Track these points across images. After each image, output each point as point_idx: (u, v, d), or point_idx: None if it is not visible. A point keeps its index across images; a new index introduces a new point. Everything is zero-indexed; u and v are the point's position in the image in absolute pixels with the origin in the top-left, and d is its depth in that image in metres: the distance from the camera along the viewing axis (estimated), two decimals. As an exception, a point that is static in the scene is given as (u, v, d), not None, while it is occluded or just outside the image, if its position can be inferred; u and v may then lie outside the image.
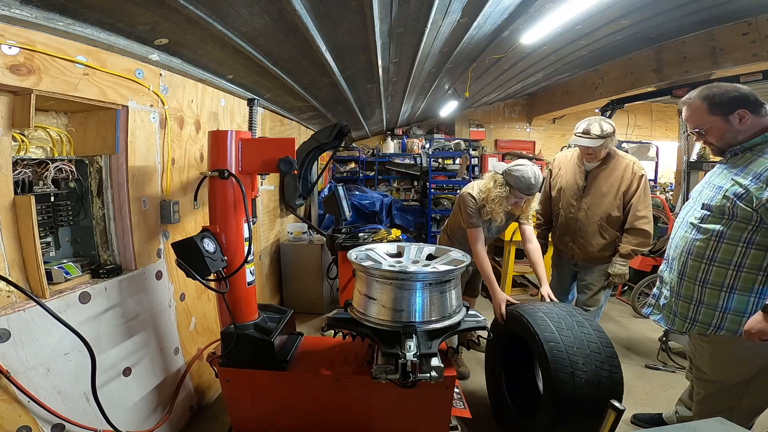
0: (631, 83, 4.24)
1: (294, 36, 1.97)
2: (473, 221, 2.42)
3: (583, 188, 2.58)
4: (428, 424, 1.82)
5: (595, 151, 2.46)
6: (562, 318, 1.94)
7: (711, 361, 1.69)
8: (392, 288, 1.60)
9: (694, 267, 1.62)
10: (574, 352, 1.78)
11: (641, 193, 2.46)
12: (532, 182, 2.28)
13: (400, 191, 7.48)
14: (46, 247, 1.63)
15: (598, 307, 2.73)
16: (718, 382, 1.69)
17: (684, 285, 1.66)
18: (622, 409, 1.13)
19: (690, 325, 1.66)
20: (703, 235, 1.58)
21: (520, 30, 2.88)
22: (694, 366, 1.82)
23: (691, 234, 1.64)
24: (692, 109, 1.62)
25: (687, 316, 1.67)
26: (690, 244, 1.63)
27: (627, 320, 3.87)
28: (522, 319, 1.99)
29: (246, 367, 1.76)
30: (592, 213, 2.55)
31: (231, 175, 1.66)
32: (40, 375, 1.37)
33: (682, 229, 1.71)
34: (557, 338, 1.82)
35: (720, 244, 1.54)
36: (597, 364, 1.77)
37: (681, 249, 1.67)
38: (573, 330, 1.87)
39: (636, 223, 2.46)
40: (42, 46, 1.35)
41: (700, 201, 1.65)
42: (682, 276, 1.67)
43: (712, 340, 1.65)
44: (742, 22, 2.99)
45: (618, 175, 2.50)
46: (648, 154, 6.21)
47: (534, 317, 1.95)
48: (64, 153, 1.71)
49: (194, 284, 2.19)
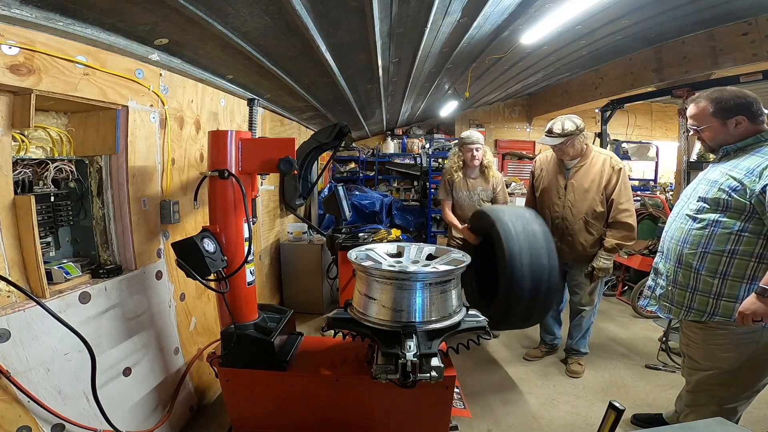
0: (631, 83, 4.24)
1: (294, 36, 1.97)
2: (441, 194, 3.32)
3: (565, 186, 2.62)
4: (428, 424, 1.82)
5: (562, 149, 2.55)
6: (519, 218, 2.18)
7: (704, 349, 1.73)
8: (392, 288, 1.60)
9: (689, 255, 1.69)
10: (522, 245, 2.04)
11: (621, 187, 2.51)
12: (467, 133, 3.16)
13: (400, 191, 7.47)
14: (46, 247, 1.63)
15: (593, 307, 2.74)
16: (710, 370, 1.73)
17: (680, 273, 1.74)
18: (622, 409, 1.13)
19: (686, 312, 1.73)
20: (699, 225, 1.67)
21: (520, 30, 2.88)
22: (686, 357, 1.86)
23: (687, 225, 1.72)
24: (697, 107, 1.73)
25: (683, 303, 1.74)
26: (686, 234, 1.71)
27: (627, 320, 3.87)
28: (487, 217, 2.26)
29: (246, 367, 1.76)
30: (576, 210, 2.59)
31: (231, 175, 1.65)
32: (40, 375, 1.37)
33: (678, 222, 1.79)
34: (513, 236, 2.07)
35: (715, 233, 1.62)
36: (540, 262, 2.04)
37: (677, 239, 1.75)
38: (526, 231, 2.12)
39: (618, 217, 2.50)
40: (42, 46, 1.35)
41: (695, 196, 1.72)
42: (678, 265, 1.75)
43: (706, 327, 1.70)
44: (742, 22, 2.99)
45: (597, 170, 2.55)
46: (648, 154, 6.21)
47: (498, 216, 2.21)
48: (64, 153, 1.71)
49: (194, 284, 2.19)
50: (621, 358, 3.11)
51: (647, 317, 3.89)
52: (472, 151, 3.12)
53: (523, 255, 2.02)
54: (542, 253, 2.06)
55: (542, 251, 2.06)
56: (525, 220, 2.17)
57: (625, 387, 2.70)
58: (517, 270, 2.01)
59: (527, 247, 2.05)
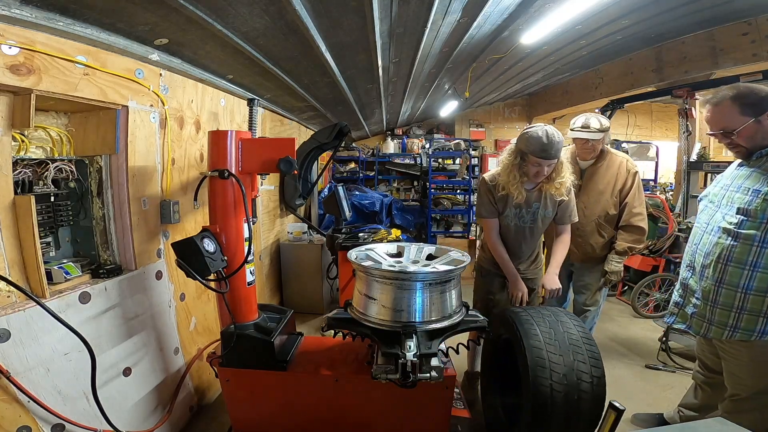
0: (631, 83, 4.24)
1: (294, 36, 1.97)
2: (482, 211, 2.24)
3: (579, 187, 2.56)
4: (428, 424, 1.82)
5: (593, 146, 2.46)
6: (553, 326, 1.80)
7: (752, 366, 1.65)
8: (392, 288, 1.60)
9: (734, 274, 1.57)
10: (557, 360, 1.67)
11: (636, 191, 2.48)
12: (544, 141, 1.96)
13: (400, 191, 7.47)
14: (46, 247, 1.63)
15: (597, 307, 2.73)
16: (759, 386, 1.66)
17: (722, 292, 1.61)
18: (622, 410, 1.13)
19: (731, 332, 1.62)
20: (743, 241, 1.54)
21: (520, 30, 2.87)
22: (727, 372, 1.76)
23: (726, 240, 1.59)
24: (720, 109, 1.57)
25: (727, 323, 1.62)
26: (727, 251, 1.58)
27: (627, 320, 3.88)
28: (509, 322, 1.87)
29: (246, 367, 1.76)
30: (590, 212, 2.55)
31: (231, 175, 1.66)
32: (40, 375, 1.37)
33: (713, 236, 1.65)
34: (542, 346, 1.71)
35: (763, 250, 1.50)
36: (580, 376, 1.65)
37: (716, 255, 1.62)
38: (561, 340, 1.74)
39: (632, 220, 2.47)
40: (42, 46, 1.35)
41: (731, 206, 1.59)
42: (719, 283, 1.62)
43: (753, 345, 1.61)
44: (742, 22, 2.99)
45: (613, 173, 2.50)
46: (648, 154, 6.21)
47: (522, 322, 1.82)
48: (64, 153, 1.70)
49: (194, 284, 2.19)
50: (621, 358, 3.11)
51: (647, 317, 3.89)
52: (543, 167, 2.06)
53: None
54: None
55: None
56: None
57: (625, 387, 2.70)
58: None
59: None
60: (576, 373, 1.64)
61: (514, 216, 2.21)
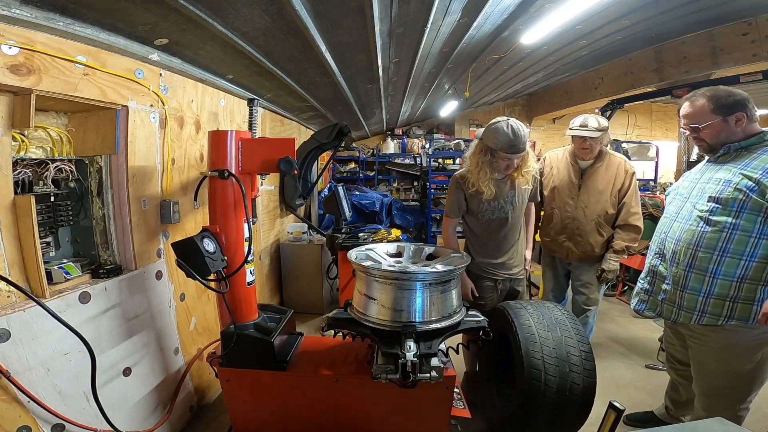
0: (631, 83, 4.24)
1: (294, 36, 1.97)
2: (450, 210, 2.33)
3: (579, 186, 2.60)
4: (428, 424, 1.82)
5: (591, 145, 2.51)
6: (540, 310, 2.00)
7: (718, 352, 1.70)
8: (392, 288, 1.60)
9: (704, 259, 1.64)
10: (546, 336, 1.86)
11: (633, 191, 2.54)
12: (511, 137, 2.01)
13: (400, 191, 7.48)
14: (46, 247, 1.63)
15: (597, 305, 2.74)
16: (726, 374, 1.71)
17: (692, 277, 1.68)
18: (622, 410, 1.13)
19: (699, 316, 1.68)
20: (714, 227, 1.61)
21: (520, 30, 2.88)
22: (694, 362, 1.83)
23: (698, 227, 1.66)
24: (695, 106, 1.69)
25: (695, 308, 1.68)
26: (698, 237, 1.66)
27: (627, 320, 3.87)
28: (501, 311, 2.06)
29: (246, 367, 1.76)
30: (590, 211, 2.57)
31: (231, 175, 1.66)
32: (40, 375, 1.37)
33: (683, 223, 1.73)
34: (531, 324, 1.91)
35: (733, 236, 1.58)
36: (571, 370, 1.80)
37: (687, 242, 1.69)
38: (548, 319, 1.95)
39: (630, 219, 2.52)
40: (42, 46, 1.35)
41: (702, 195, 1.68)
42: (689, 268, 1.68)
43: (720, 330, 1.66)
44: (742, 22, 2.99)
45: (612, 173, 2.55)
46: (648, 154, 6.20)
47: (512, 308, 2.03)
48: (64, 153, 1.70)
49: (194, 284, 2.19)
50: (621, 358, 3.11)
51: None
52: (513, 160, 2.16)
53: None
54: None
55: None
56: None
57: (625, 387, 2.70)
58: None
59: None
60: (565, 347, 1.83)
61: (492, 209, 2.26)
